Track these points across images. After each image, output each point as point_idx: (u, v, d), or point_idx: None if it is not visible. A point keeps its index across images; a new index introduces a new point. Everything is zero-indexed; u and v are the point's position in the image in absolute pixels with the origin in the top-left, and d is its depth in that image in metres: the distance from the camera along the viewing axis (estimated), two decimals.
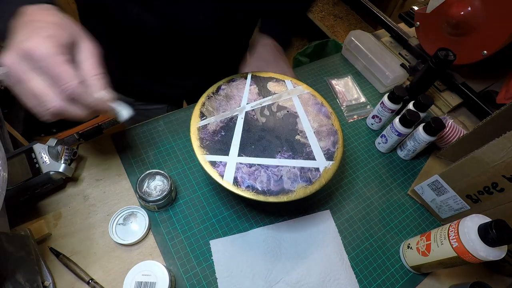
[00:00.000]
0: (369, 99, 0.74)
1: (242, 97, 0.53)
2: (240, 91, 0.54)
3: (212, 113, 0.50)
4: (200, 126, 0.48)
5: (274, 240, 0.51)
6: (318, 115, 0.53)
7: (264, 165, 0.46)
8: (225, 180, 0.43)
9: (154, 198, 0.48)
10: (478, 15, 0.61)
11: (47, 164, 0.47)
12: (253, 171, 0.45)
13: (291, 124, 0.52)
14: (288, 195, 0.44)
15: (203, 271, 0.47)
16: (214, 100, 0.52)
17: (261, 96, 0.54)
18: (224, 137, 0.48)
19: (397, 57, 0.79)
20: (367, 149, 0.66)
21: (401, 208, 0.59)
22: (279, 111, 0.53)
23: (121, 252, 0.47)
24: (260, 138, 0.49)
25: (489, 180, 0.46)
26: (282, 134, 0.50)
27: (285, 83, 0.57)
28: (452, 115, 0.72)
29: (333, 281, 0.48)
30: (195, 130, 0.48)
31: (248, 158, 0.46)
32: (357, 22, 2.05)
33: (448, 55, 0.59)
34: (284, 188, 0.44)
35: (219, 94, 0.53)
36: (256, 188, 0.43)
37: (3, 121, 0.82)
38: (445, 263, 0.44)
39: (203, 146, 0.46)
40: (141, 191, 0.49)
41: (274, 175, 0.45)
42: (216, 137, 0.48)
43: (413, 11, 0.85)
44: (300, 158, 0.48)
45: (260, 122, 0.51)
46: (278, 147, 0.48)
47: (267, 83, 0.56)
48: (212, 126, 0.49)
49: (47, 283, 0.41)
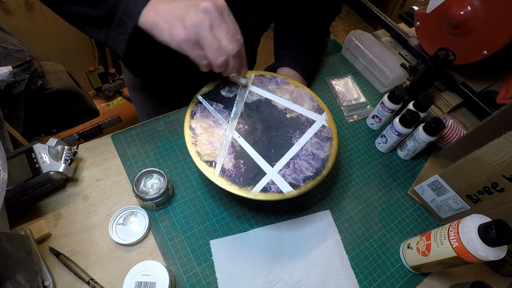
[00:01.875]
0: (369, 99, 0.74)
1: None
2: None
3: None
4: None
5: (274, 240, 0.51)
6: (280, 87, 0.55)
7: (294, 156, 0.48)
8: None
9: (151, 197, 0.48)
10: (478, 15, 0.61)
11: (47, 164, 0.47)
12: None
13: (274, 109, 0.52)
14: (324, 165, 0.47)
15: (203, 271, 0.47)
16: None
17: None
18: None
19: (397, 57, 0.79)
20: (367, 149, 0.66)
21: (401, 208, 0.59)
22: (259, 107, 0.52)
23: (121, 252, 0.47)
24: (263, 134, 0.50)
25: (489, 180, 0.46)
26: (276, 123, 0.51)
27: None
28: (452, 115, 0.72)
29: (333, 281, 0.48)
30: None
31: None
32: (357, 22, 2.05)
33: (448, 55, 0.59)
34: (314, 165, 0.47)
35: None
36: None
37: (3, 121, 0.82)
38: (445, 263, 0.44)
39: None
40: (138, 190, 0.49)
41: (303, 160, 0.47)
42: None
43: (413, 11, 0.85)
44: (308, 128, 0.51)
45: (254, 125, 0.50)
46: (287, 133, 0.50)
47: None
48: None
49: (47, 283, 0.41)
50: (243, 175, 0.45)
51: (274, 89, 0.55)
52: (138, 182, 0.50)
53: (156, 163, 0.56)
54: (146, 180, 0.51)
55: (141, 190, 0.50)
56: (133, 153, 0.56)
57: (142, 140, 0.58)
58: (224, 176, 0.44)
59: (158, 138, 0.59)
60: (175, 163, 0.56)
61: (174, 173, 0.55)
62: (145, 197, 0.48)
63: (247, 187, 0.44)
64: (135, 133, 0.59)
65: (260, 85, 0.54)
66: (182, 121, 0.62)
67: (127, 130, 0.59)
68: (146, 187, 0.50)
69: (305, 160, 0.48)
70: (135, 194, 0.48)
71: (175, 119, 0.62)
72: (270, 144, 0.48)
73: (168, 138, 0.59)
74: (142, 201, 0.48)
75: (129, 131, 0.59)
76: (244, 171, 0.45)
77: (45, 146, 0.48)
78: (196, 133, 0.47)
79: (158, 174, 0.51)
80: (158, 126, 0.60)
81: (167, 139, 0.59)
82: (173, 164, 0.56)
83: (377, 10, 0.86)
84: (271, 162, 0.47)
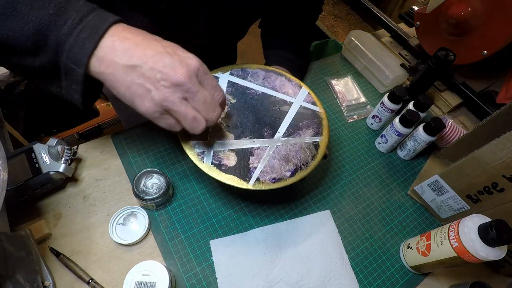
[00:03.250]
0: (369, 99, 0.74)
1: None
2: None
3: None
4: None
5: (274, 240, 0.51)
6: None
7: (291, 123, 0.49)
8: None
9: (151, 197, 0.48)
10: (478, 15, 0.61)
11: (47, 164, 0.47)
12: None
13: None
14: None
15: (203, 271, 0.47)
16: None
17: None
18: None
19: (397, 57, 0.79)
20: (367, 149, 0.66)
21: (401, 208, 0.59)
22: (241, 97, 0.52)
23: (121, 252, 0.47)
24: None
25: (489, 180, 0.46)
26: (260, 107, 0.50)
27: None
28: (452, 115, 0.72)
29: (333, 281, 0.48)
30: None
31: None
32: (357, 22, 2.05)
33: (448, 55, 0.59)
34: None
35: None
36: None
37: (3, 121, 0.82)
38: (445, 263, 0.44)
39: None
40: (138, 190, 0.49)
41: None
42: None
43: (413, 11, 0.85)
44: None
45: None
46: (275, 107, 0.51)
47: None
48: None
49: (47, 283, 0.41)
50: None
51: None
52: (138, 182, 0.50)
53: (156, 163, 0.56)
54: (146, 180, 0.51)
55: (141, 190, 0.50)
56: (133, 153, 0.56)
57: (142, 140, 0.58)
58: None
59: (158, 138, 0.59)
60: (175, 163, 0.56)
61: (174, 173, 0.55)
62: (145, 197, 0.48)
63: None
64: (135, 133, 0.59)
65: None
66: None
67: (127, 130, 0.59)
68: (146, 187, 0.50)
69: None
70: (135, 194, 0.48)
71: None
72: (262, 125, 0.48)
73: (168, 138, 0.59)
74: (142, 201, 0.48)
75: (129, 131, 0.59)
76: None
77: (45, 146, 0.48)
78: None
79: (158, 174, 0.51)
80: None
81: (167, 139, 0.59)
82: (173, 164, 0.56)
83: (377, 10, 0.86)
84: (272, 135, 0.48)
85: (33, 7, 0.30)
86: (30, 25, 0.29)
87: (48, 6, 0.30)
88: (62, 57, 0.31)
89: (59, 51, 0.31)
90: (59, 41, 0.30)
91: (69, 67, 0.31)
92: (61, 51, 0.31)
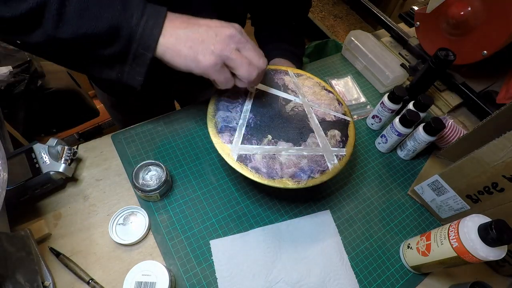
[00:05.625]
0: (369, 99, 0.74)
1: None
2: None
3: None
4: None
5: (274, 240, 0.51)
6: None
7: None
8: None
9: (153, 187, 0.48)
10: (478, 15, 0.61)
11: (47, 164, 0.47)
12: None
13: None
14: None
15: (203, 271, 0.47)
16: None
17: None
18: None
19: (397, 57, 0.79)
20: (367, 149, 0.66)
21: (401, 208, 0.59)
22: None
23: (121, 252, 0.47)
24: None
25: (489, 180, 0.46)
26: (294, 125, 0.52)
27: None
28: (452, 115, 0.72)
29: (333, 281, 0.48)
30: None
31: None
32: (357, 22, 2.05)
33: (448, 55, 0.59)
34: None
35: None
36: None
37: (3, 121, 0.82)
38: (445, 263, 0.44)
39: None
40: (139, 184, 0.49)
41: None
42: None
43: (413, 11, 0.85)
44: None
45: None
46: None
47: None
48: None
49: (47, 283, 0.41)
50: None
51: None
52: (137, 178, 0.50)
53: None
54: (144, 174, 0.51)
55: (142, 184, 0.50)
56: (133, 153, 0.56)
57: (142, 140, 0.58)
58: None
59: (158, 138, 0.59)
60: (175, 163, 0.56)
61: (174, 173, 0.55)
62: (147, 189, 0.48)
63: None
64: (135, 133, 0.59)
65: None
66: (182, 121, 0.62)
67: (127, 130, 0.59)
68: (145, 180, 0.50)
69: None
70: (136, 189, 0.48)
71: (175, 119, 0.62)
72: (296, 130, 0.51)
73: (168, 138, 0.59)
74: (145, 193, 0.48)
75: (129, 131, 0.59)
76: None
77: (45, 146, 0.48)
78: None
79: (154, 166, 0.51)
80: (158, 126, 0.60)
81: (167, 139, 0.59)
82: (173, 164, 0.56)
83: (377, 10, 0.86)
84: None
85: (102, 6, 0.34)
86: (104, 21, 0.34)
87: (114, 4, 0.35)
88: (134, 45, 0.36)
89: (132, 40, 0.36)
90: (131, 32, 0.36)
91: (139, 53, 0.37)
92: (134, 40, 0.36)
